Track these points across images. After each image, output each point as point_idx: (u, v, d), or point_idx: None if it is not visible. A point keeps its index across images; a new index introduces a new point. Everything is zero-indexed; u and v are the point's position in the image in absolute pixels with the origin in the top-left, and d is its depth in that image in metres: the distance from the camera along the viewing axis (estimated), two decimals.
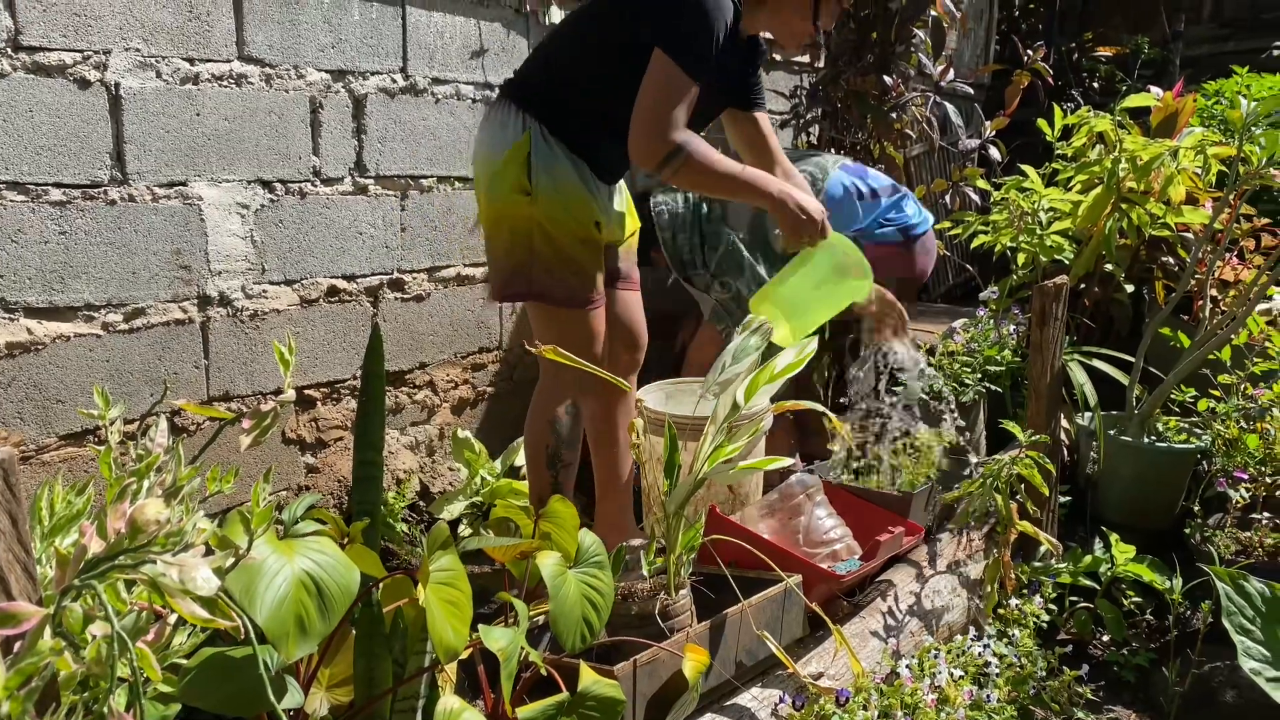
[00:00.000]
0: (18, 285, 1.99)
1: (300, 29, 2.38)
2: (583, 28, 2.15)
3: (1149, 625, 2.41)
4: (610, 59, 2.05)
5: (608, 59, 2.06)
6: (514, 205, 2.05)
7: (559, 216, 2.05)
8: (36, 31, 1.94)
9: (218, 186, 2.28)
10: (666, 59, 1.96)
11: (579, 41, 2.13)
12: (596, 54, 2.09)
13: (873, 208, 3.07)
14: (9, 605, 0.81)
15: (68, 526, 1.06)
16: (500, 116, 2.10)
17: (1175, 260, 3.26)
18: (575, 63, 2.11)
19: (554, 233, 2.06)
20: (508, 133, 2.07)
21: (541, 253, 2.07)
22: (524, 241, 2.07)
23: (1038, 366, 2.51)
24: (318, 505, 1.88)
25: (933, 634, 2.14)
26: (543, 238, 2.06)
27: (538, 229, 2.06)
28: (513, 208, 2.06)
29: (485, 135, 2.14)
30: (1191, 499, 2.67)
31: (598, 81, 2.08)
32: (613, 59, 2.04)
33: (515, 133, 2.06)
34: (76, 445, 2.11)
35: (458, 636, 1.26)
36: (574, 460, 2.26)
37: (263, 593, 1.11)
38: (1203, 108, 3.83)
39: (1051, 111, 3.34)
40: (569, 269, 2.09)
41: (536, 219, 2.05)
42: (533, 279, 2.10)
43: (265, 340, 2.42)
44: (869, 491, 2.36)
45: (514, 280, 2.12)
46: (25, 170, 1.96)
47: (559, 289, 2.10)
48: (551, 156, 2.05)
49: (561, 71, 2.11)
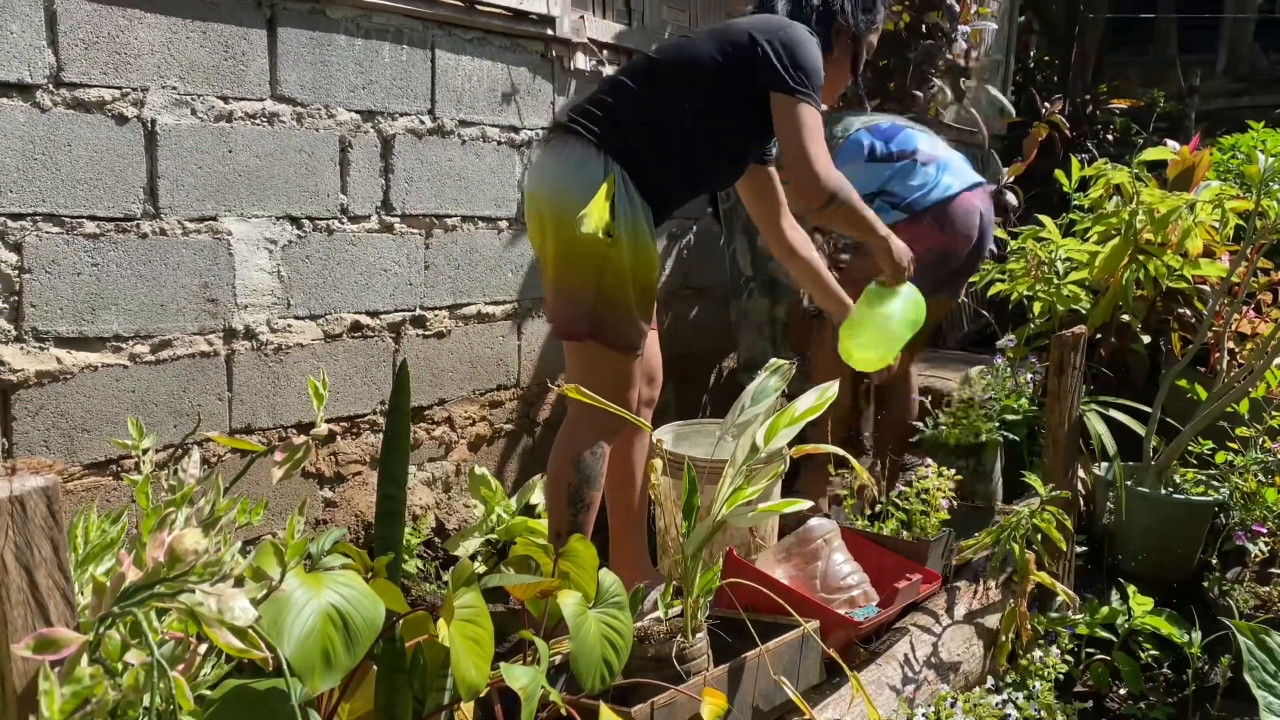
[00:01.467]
0: (49, 315, 2.02)
1: (332, 70, 2.43)
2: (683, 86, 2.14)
3: (1167, 679, 2.39)
4: (704, 118, 2.13)
5: (702, 118, 2.13)
6: (593, 245, 2.03)
7: (631, 263, 2.06)
8: (77, 69, 1.99)
9: (247, 222, 2.32)
10: (792, 100, 2.08)
11: (676, 98, 2.13)
12: (691, 114, 2.12)
13: (879, 173, 2.93)
14: (50, 631, 0.82)
15: (101, 555, 1.07)
16: (577, 154, 2.08)
17: (1192, 312, 3.26)
18: (667, 120, 2.12)
19: (625, 277, 2.06)
20: (587, 172, 2.05)
21: (609, 295, 2.07)
22: (594, 281, 2.06)
23: (1055, 416, 2.51)
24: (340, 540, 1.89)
25: (949, 683, 2.12)
26: (614, 280, 2.06)
27: (610, 271, 2.05)
28: (591, 247, 2.03)
29: (558, 170, 2.10)
30: (1210, 552, 2.66)
31: (687, 139, 2.13)
32: (706, 118, 2.13)
33: (596, 172, 2.04)
34: (100, 474, 2.13)
35: (479, 674, 1.26)
36: (595, 501, 2.26)
37: (290, 625, 1.12)
38: (1219, 161, 3.86)
39: (1068, 162, 3.37)
40: (628, 314, 2.10)
41: (611, 260, 2.05)
42: (597, 319, 2.09)
43: (289, 374, 2.45)
44: (885, 538, 2.36)
45: (580, 318, 2.11)
46: (61, 203, 2.00)
47: (615, 334, 2.10)
48: (631, 203, 2.06)
49: (647, 121, 2.11)
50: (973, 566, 2.49)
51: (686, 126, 2.13)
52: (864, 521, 2.44)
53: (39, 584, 0.87)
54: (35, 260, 1.98)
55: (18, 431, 2.00)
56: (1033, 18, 7.80)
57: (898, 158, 2.96)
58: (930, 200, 2.86)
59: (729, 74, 2.12)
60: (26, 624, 0.86)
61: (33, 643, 0.81)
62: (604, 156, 2.06)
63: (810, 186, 2.15)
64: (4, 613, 0.86)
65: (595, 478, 2.21)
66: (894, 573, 2.20)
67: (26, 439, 2.02)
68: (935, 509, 2.34)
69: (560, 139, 2.13)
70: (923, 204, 2.87)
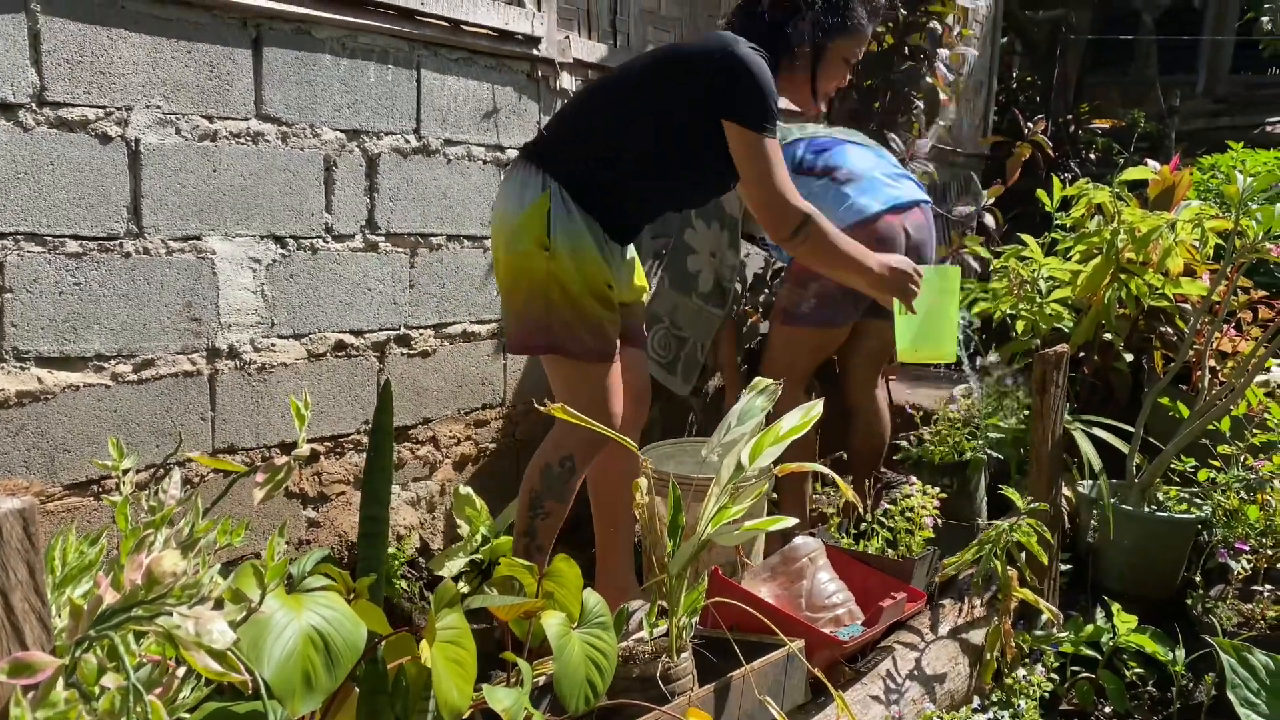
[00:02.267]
0: (31, 335, 2.01)
1: (317, 89, 2.43)
2: (620, 100, 2.18)
3: (1152, 697, 2.40)
4: (646, 132, 2.13)
5: (644, 132, 2.14)
6: (532, 259, 2.10)
7: (574, 274, 2.10)
8: (61, 88, 1.99)
9: (231, 241, 2.31)
10: (748, 132, 2.07)
11: (614, 112, 2.17)
12: (633, 126, 2.14)
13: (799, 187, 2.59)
14: (25, 655, 0.81)
15: (79, 576, 1.06)
16: (521, 176, 2.16)
17: (1174, 330, 3.29)
18: (607, 132, 2.16)
19: (570, 289, 2.10)
20: (528, 191, 2.12)
21: (559, 307, 2.11)
22: (541, 295, 2.11)
23: (1039, 434, 2.52)
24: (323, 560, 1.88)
25: (934, 701, 2.12)
26: (560, 293, 2.10)
27: (555, 284, 2.10)
28: (531, 261, 2.10)
29: (506, 193, 2.19)
30: (1193, 569, 2.67)
31: (628, 152, 2.14)
32: (649, 132, 2.13)
33: (535, 192, 2.11)
34: (80, 495, 2.11)
35: (462, 696, 1.25)
36: (556, 512, 2.24)
37: (270, 647, 1.11)
38: (1199, 181, 3.90)
39: (1050, 182, 3.40)
40: (585, 325, 2.13)
41: (554, 274, 2.09)
42: (551, 331, 2.13)
43: (272, 393, 2.44)
44: (870, 556, 2.36)
45: (533, 333, 2.15)
46: (44, 222, 2.00)
47: (575, 344, 2.13)
48: (569, 217, 2.10)
49: (589, 139, 2.16)
50: (957, 584, 2.49)
51: (625, 140, 2.15)
52: (849, 540, 2.45)
53: (14, 607, 0.86)
54: (16, 279, 1.97)
55: None
56: (1014, 39, 7.89)
57: (820, 174, 2.84)
58: (846, 223, 2.62)
59: (668, 95, 2.12)
60: (2, 648, 0.85)
61: (7, 667, 0.80)
62: (543, 175, 2.12)
63: (773, 216, 2.16)
64: None
65: (559, 490, 2.21)
66: (879, 591, 2.20)
67: (6, 459, 2.00)
68: (920, 527, 2.34)
69: (516, 165, 2.22)
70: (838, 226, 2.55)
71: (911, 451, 2.97)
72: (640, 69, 2.19)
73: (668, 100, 2.13)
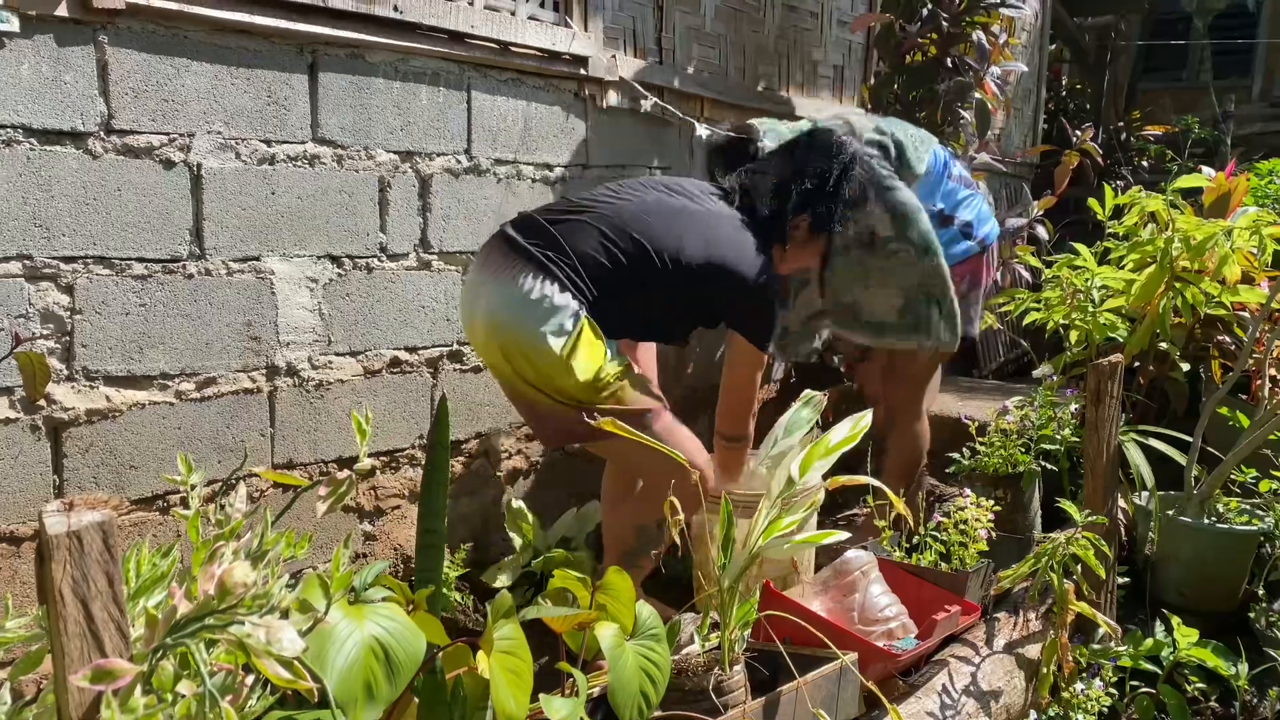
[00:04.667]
0: (99, 354, 2.07)
1: (371, 112, 2.49)
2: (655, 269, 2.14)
3: (1214, 713, 2.35)
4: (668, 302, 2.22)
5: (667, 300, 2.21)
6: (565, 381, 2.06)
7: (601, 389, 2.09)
8: (127, 116, 2.06)
9: (289, 261, 2.37)
10: (752, 349, 2.29)
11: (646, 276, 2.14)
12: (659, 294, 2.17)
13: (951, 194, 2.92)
14: (106, 662, 0.85)
15: (153, 588, 1.10)
16: (540, 289, 2.06)
17: (1232, 339, 3.23)
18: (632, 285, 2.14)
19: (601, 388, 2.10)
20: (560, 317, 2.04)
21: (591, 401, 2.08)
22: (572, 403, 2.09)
23: (1094, 445, 2.49)
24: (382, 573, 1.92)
25: (990, 716, 2.10)
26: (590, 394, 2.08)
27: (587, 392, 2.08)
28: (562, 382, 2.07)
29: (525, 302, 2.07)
30: (1255, 582, 2.61)
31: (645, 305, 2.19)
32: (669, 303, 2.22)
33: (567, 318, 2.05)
34: (147, 510, 2.18)
35: (519, 706, 1.27)
36: (644, 567, 2.34)
37: (334, 657, 1.14)
38: (1256, 187, 3.84)
39: (1101, 190, 3.36)
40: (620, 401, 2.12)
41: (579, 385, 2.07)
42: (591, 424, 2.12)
43: (329, 409, 2.49)
44: (923, 569, 2.35)
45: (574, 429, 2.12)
46: (112, 245, 2.06)
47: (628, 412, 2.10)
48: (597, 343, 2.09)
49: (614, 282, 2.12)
50: (1012, 597, 2.47)
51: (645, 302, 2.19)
52: (901, 553, 2.43)
53: (95, 616, 0.90)
54: (86, 301, 2.04)
55: (68, 468, 2.06)
56: (1062, 46, 7.81)
57: (965, 184, 2.98)
58: (993, 235, 2.99)
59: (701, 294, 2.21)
60: (83, 655, 0.89)
61: (90, 673, 0.84)
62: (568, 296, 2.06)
63: (734, 419, 2.40)
64: (61, 644, 0.89)
65: (651, 549, 2.33)
66: (932, 604, 2.19)
67: (76, 475, 2.07)
68: (973, 539, 2.32)
69: (526, 270, 2.09)
70: (990, 238, 2.97)
71: (964, 463, 2.95)
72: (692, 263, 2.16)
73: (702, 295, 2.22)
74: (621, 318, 2.17)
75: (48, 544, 0.87)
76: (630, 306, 2.17)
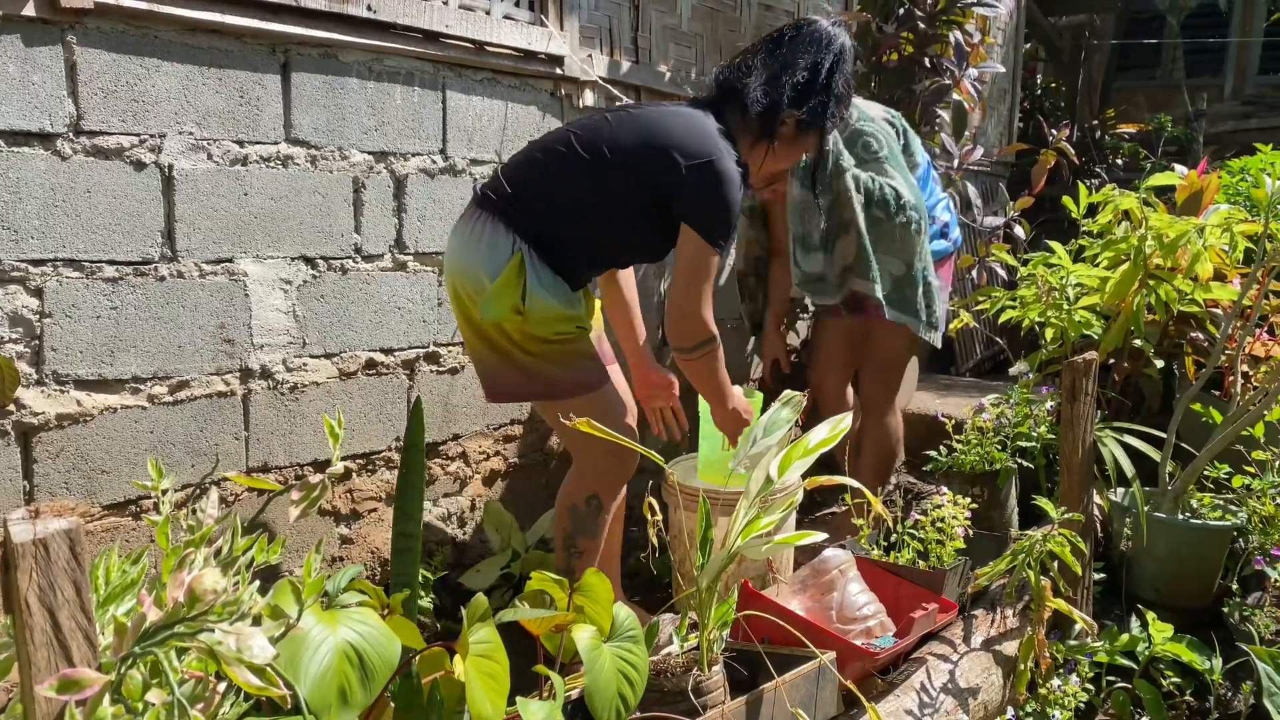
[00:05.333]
0: (70, 358, 2.05)
1: (345, 112, 2.47)
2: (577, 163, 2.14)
3: (1189, 707, 2.37)
4: (613, 206, 2.14)
5: (609, 205, 2.14)
6: (506, 323, 2.10)
7: (548, 330, 2.11)
8: (97, 117, 2.04)
9: (262, 263, 2.35)
10: (701, 241, 2.09)
11: (573, 176, 2.14)
12: (596, 195, 2.13)
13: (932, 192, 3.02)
14: (73, 672, 0.84)
15: (122, 595, 1.09)
16: (488, 234, 2.12)
17: (1205, 336, 3.26)
18: (568, 195, 2.14)
19: (547, 338, 2.11)
20: (498, 253, 2.09)
21: (538, 357, 2.13)
22: (518, 352, 2.12)
23: (1069, 442, 2.51)
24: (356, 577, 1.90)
25: (968, 713, 2.11)
26: (536, 344, 2.11)
27: (530, 340, 2.11)
28: (505, 324, 2.10)
29: (470, 248, 2.14)
30: (1229, 577, 2.64)
31: (597, 221, 2.15)
32: (615, 207, 2.14)
33: (505, 254, 2.09)
34: (119, 515, 2.15)
35: (495, 710, 1.27)
36: (591, 550, 2.27)
37: (307, 663, 1.13)
38: (1227, 185, 3.87)
39: (1076, 188, 3.38)
40: (565, 364, 2.15)
41: (528, 333, 2.10)
42: (534, 381, 2.16)
43: (304, 412, 2.47)
44: (901, 567, 2.35)
45: (515, 385, 2.18)
46: (81, 248, 2.04)
47: (561, 384, 2.16)
48: (541, 279, 2.09)
49: (564, 207, 2.14)
50: (989, 594, 2.48)
51: (595, 216, 2.14)
52: (879, 551, 2.44)
53: (62, 625, 0.88)
54: (56, 304, 2.02)
55: (39, 474, 2.03)
56: (1037, 45, 7.86)
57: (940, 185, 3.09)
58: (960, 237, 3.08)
59: (642, 182, 2.12)
60: (50, 665, 0.88)
61: (56, 683, 0.82)
62: (513, 236, 2.11)
63: (684, 323, 2.14)
64: (28, 654, 0.87)
65: (590, 527, 2.26)
66: (910, 602, 2.19)
67: (47, 481, 2.04)
68: (950, 537, 2.33)
69: (476, 214, 2.17)
70: (959, 240, 3.07)
71: (942, 461, 2.96)
72: (626, 149, 2.13)
73: (643, 183, 2.12)
74: (578, 242, 2.15)
75: (13, 552, 0.86)
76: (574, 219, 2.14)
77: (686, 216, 2.11)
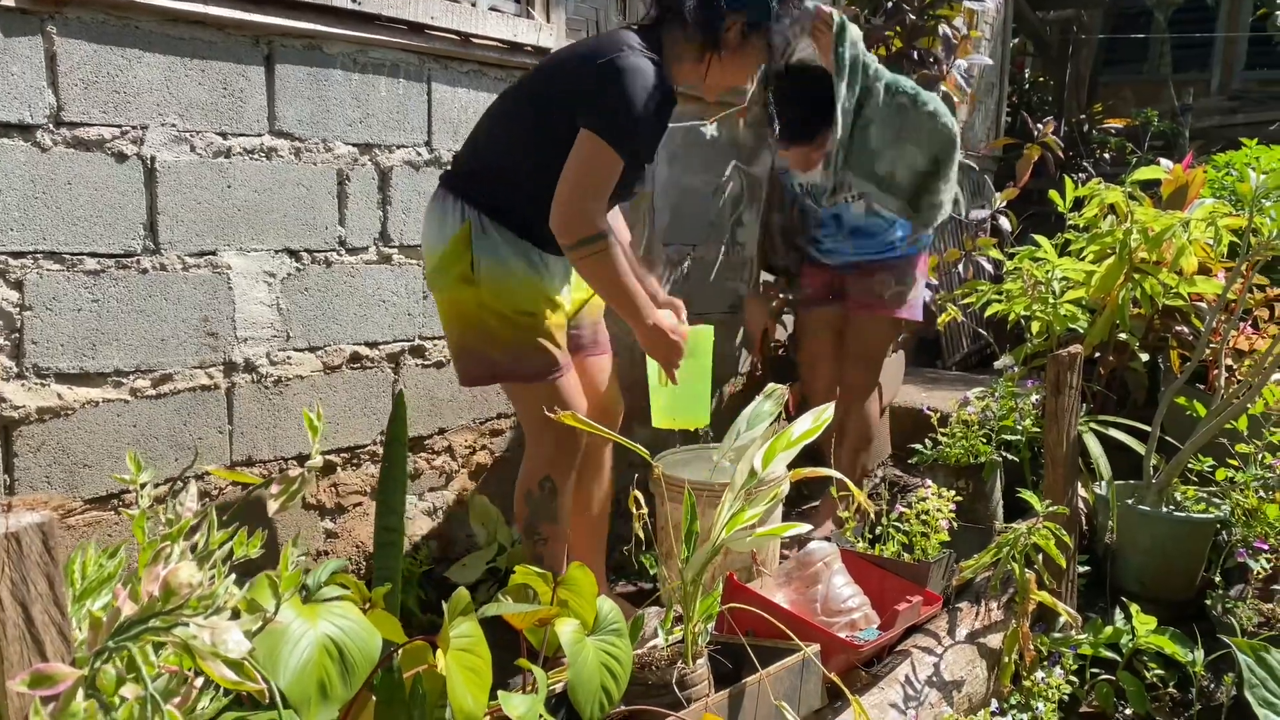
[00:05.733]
0: (51, 352, 2.03)
1: (329, 104, 2.46)
2: (512, 115, 2.15)
3: (1172, 698, 2.38)
4: (543, 144, 2.06)
5: (540, 144, 2.07)
6: (460, 292, 2.11)
7: (505, 299, 2.09)
8: (77, 108, 2.02)
9: (246, 256, 2.34)
10: (595, 138, 1.97)
11: (510, 128, 2.14)
12: (528, 140, 2.11)
13: None
14: (46, 666, 0.83)
15: (99, 589, 1.08)
16: (440, 211, 2.16)
17: (1189, 329, 3.27)
18: (508, 150, 2.14)
19: (504, 313, 2.10)
20: (448, 226, 2.12)
21: (496, 334, 2.12)
22: (476, 326, 2.12)
23: (1054, 435, 2.51)
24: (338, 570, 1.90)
25: (952, 705, 2.11)
26: (495, 319, 2.11)
27: (487, 313, 2.10)
28: (459, 294, 2.11)
29: (428, 230, 2.20)
30: (1212, 569, 2.65)
31: (530, 166, 2.10)
32: (545, 144, 2.05)
33: (455, 225, 2.12)
34: (101, 509, 2.14)
35: (477, 704, 1.26)
36: (554, 534, 2.26)
37: (286, 657, 1.13)
38: (1213, 179, 3.88)
39: (1062, 183, 3.39)
40: (526, 346, 2.14)
41: (484, 303, 2.10)
42: (493, 361, 2.16)
43: (289, 406, 2.46)
44: (885, 560, 2.36)
45: (476, 364, 2.19)
46: (62, 240, 2.02)
47: (520, 367, 2.15)
48: (491, 243, 2.09)
49: (494, 159, 2.15)
50: (974, 587, 2.49)
51: (539, 164, 2.06)
52: (864, 544, 2.45)
53: (35, 619, 0.88)
54: (36, 297, 2.00)
55: (19, 468, 2.01)
56: (1025, 39, 7.87)
57: None
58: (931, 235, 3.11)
59: (565, 108, 2.03)
60: (23, 660, 0.87)
61: (28, 678, 0.82)
62: (461, 205, 2.13)
63: (569, 217, 2.00)
64: (0, 649, 0.87)
65: (547, 511, 2.25)
66: (895, 595, 2.20)
67: (28, 475, 2.03)
68: (935, 530, 2.34)
69: (435, 195, 2.22)
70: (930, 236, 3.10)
71: (927, 454, 2.96)
72: (546, 83, 2.10)
73: (566, 109, 2.02)
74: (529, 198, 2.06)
75: None
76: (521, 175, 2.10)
77: (586, 115, 1.98)
